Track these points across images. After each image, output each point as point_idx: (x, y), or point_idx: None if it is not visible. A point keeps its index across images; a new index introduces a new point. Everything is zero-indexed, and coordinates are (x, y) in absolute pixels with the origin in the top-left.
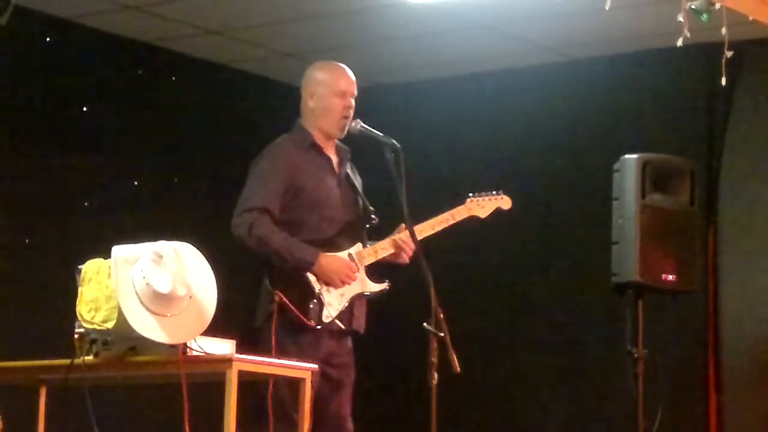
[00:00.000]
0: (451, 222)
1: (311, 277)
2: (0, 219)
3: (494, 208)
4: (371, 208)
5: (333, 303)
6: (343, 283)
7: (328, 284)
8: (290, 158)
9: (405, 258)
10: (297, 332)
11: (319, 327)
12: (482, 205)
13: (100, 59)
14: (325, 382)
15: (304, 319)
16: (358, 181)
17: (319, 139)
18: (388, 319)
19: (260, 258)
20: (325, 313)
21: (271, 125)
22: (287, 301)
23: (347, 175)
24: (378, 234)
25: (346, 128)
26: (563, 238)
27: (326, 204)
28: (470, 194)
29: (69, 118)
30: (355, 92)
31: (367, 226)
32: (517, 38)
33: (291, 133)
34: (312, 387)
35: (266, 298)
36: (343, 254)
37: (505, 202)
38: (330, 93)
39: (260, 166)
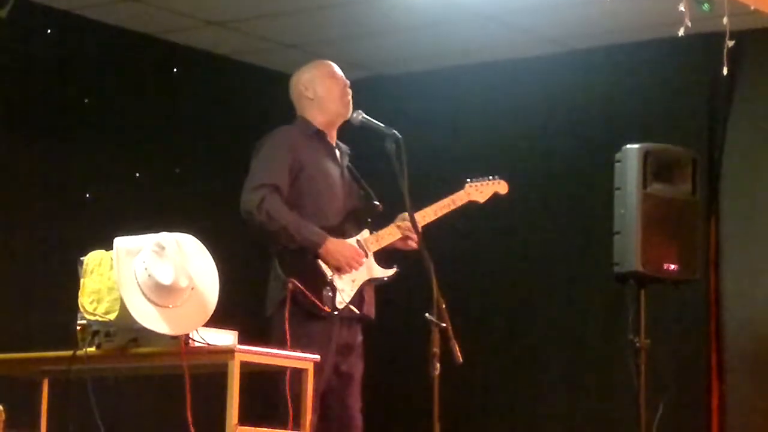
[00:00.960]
0: (452, 207)
1: (323, 264)
2: (1, 211)
3: (492, 193)
4: (374, 196)
5: (345, 289)
6: (351, 267)
7: (336, 269)
8: (294, 140)
9: (413, 244)
10: (308, 321)
11: (335, 313)
12: (480, 190)
13: (101, 51)
14: (337, 376)
15: (320, 306)
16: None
17: (323, 127)
18: (390, 309)
19: (268, 243)
20: (338, 299)
21: (274, 116)
22: (302, 288)
23: (349, 167)
24: (382, 221)
25: (350, 108)
26: (565, 228)
27: (329, 189)
28: (468, 179)
29: (70, 110)
30: (346, 80)
31: (372, 214)
32: (517, 29)
33: (293, 123)
34: (323, 380)
35: (277, 285)
36: (351, 241)
37: (501, 187)
38: (324, 79)
39: (265, 147)
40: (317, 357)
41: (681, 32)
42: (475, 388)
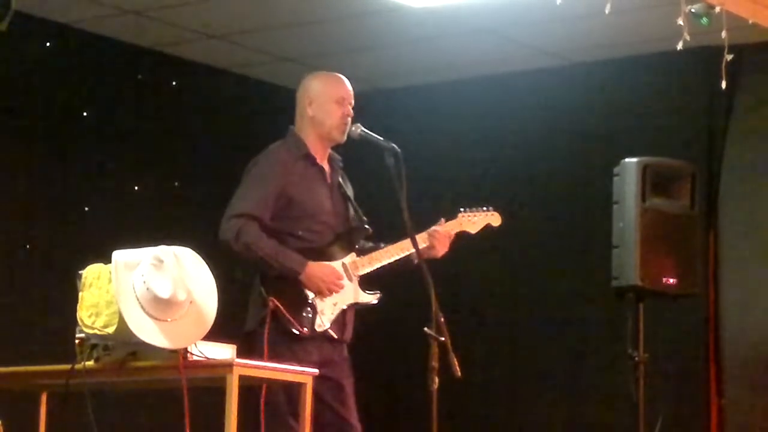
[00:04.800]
0: None
1: None
2: (0, 224)
3: (485, 224)
4: (364, 218)
5: (326, 312)
6: (330, 292)
7: (317, 293)
8: (283, 166)
9: (437, 252)
10: (290, 339)
11: (311, 335)
12: (473, 221)
13: (101, 64)
14: (324, 384)
15: (298, 327)
16: (350, 190)
17: (314, 148)
18: (388, 323)
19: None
20: (318, 321)
21: (272, 129)
22: (282, 308)
23: (339, 185)
24: (374, 241)
25: (346, 133)
26: (564, 241)
27: (318, 214)
28: (462, 209)
29: (69, 123)
30: (353, 101)
31: (360, 236)
32: (517, 42)
33: (284, 140)
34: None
35: (259, 302)
36: (337, 264)
37: (495, 219)
38: (329, 100)
39: (253, 173)
40: (316, 371)
41: (680, 46)
42: (474, 401)
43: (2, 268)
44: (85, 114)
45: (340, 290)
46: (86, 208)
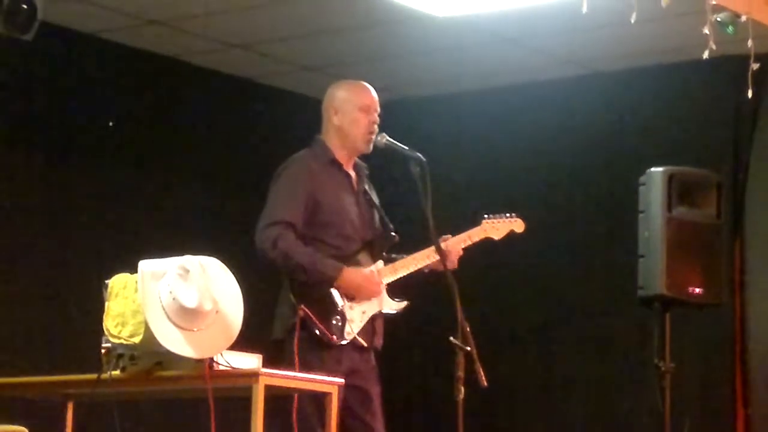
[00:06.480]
0: (468, 242)
1: (335, 293)
2: (26, 235)
3: (508, 231)
4: (391, 225)
5: (355, 319)
6: (369, 297)
7: (352, 299)
8: (310, 172)
9: (453, 263)
10: (320, 347)
11: (342, 343)
12: (497, 227)
13: (124, 74)
14: (352, 393)
15: (328, 335)
16: (375, 198)
17: (340, 155)
18: (414, 333)
19: (283, 272)
20: (347, 329)
21: (295, 138)
22: (312, 316)
23: (365, 192)
24: (401, 250)
25: (372, 143)
26: (589, 251)
27: (344, 221)
28: (485, 215)
29: (94, 132)
30: (379, 109)
31: (387, 243)
32: (541, 52)
33: (311, 148)
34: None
35: (288, 310)
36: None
37: (518, 225)
38: (355, 109)
39: (282, 180)
40: (341, 380)
41: (705, 55)
42: (499, 411)
43: (28, 279)
44: (110, 124)
45: (378, 295)
46: (112, 218)
